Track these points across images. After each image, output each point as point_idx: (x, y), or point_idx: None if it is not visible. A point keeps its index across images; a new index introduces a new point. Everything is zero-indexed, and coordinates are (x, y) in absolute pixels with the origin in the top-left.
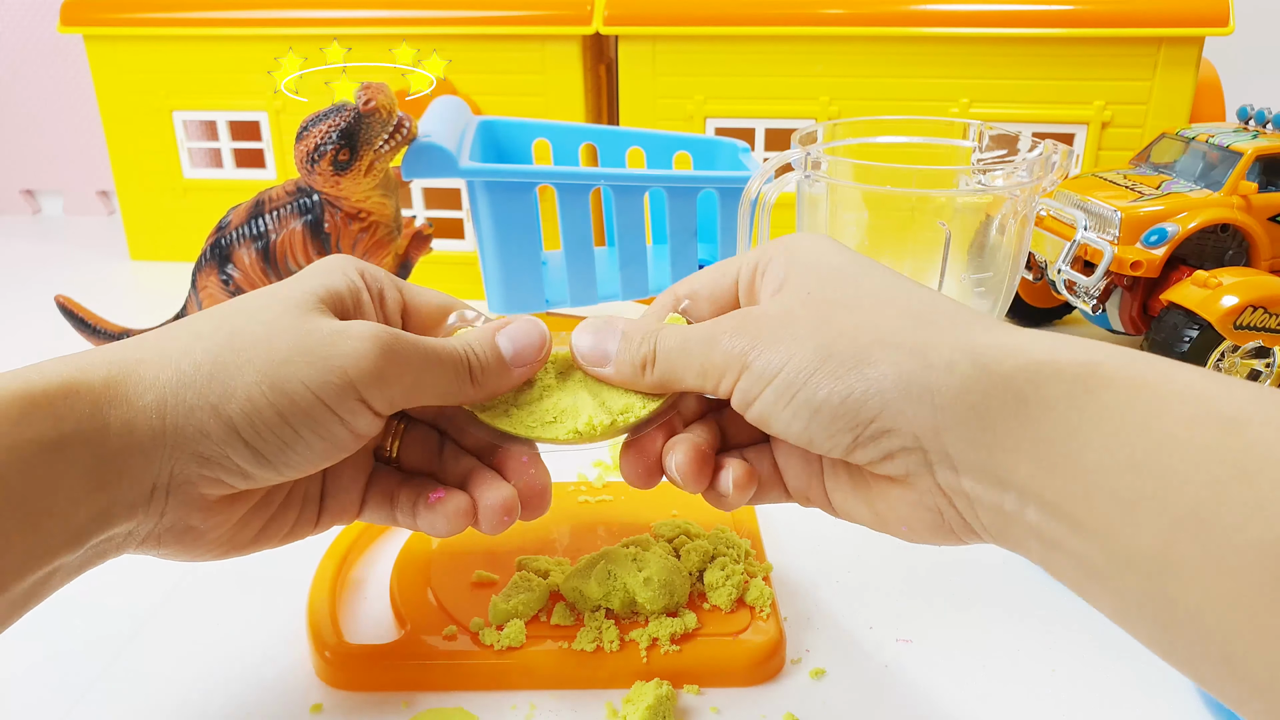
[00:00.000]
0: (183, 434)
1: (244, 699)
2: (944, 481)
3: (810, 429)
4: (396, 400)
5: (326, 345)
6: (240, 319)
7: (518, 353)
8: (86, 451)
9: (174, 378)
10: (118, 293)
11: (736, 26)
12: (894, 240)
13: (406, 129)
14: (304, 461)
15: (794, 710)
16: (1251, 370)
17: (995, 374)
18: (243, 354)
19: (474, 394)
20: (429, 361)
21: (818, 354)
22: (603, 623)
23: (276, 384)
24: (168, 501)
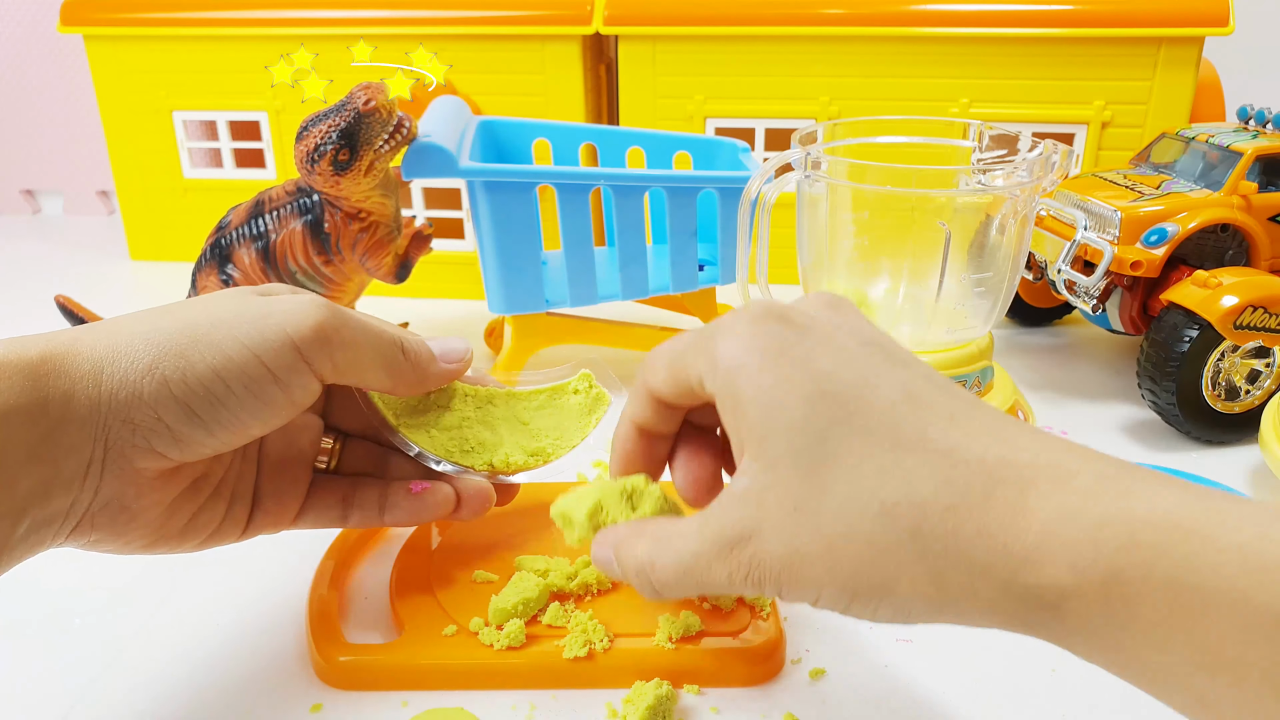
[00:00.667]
0: (117, 399)
1: (244, 699)
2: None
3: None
4: (336, 366)
5: (267, 308)
6: (180, 304)
7: (444, 352)
8: (25, 423)
9: (110, 348)
10: (118, 293)
11: (736, 26)
12: (894, 240)
13: (406, 129)
14: (236, 421)
15: (794, 710)
16: (1251, 370)
17: (1018, 593)
18: (183, 323)
19: (406, 376)
20: (367, 333)
21: (843, 594)
22: (588, 624)
23: (214, 343)
24: (103, 475)
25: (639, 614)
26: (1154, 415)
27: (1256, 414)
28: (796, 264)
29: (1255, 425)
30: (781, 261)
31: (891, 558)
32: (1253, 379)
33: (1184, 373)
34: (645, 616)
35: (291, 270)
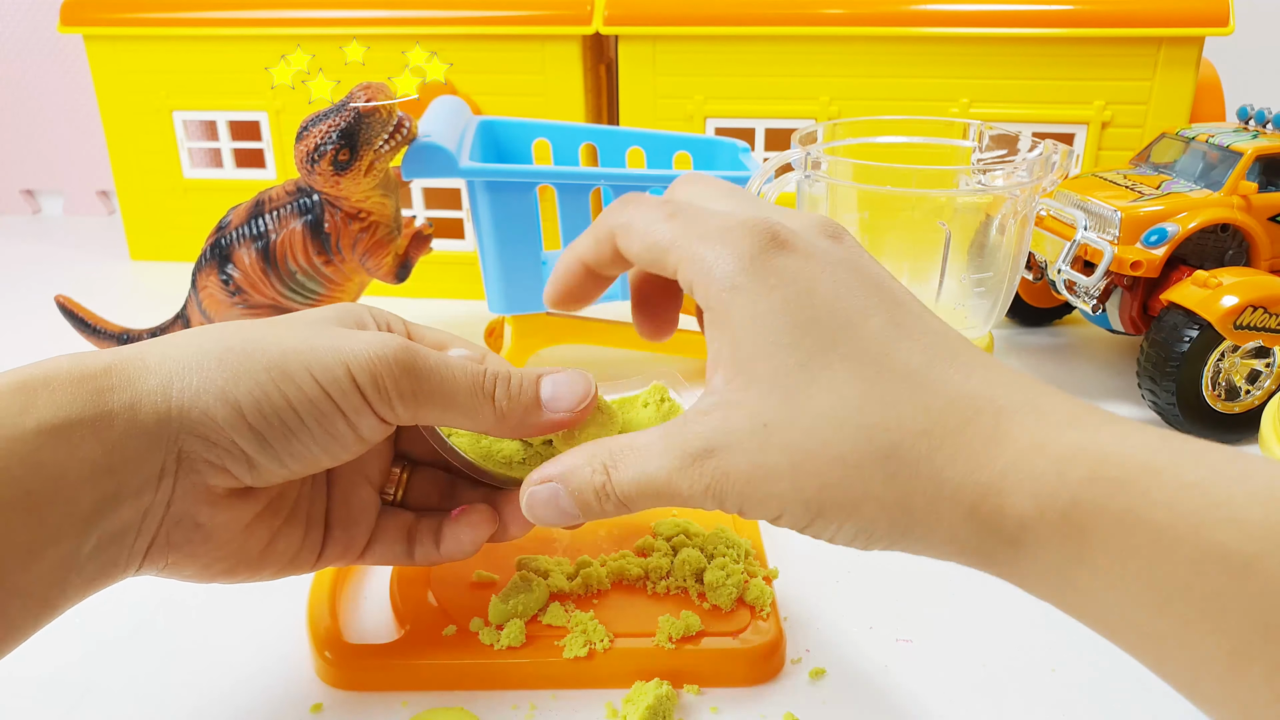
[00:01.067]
0: (188, 417)
1: (244, 699)
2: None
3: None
4: (401, 407)
5: (337, 340)
6: (250, 324)
7: (556, 397)
8: (90, 436)
9: (179, 363)
10: (118, 293)
11: (736, 26)
12: (894, 240)
13: (406, 129)
14: (308, 453)
15: (794, 710)
16: (1251, 370)
17: (981, 518)
18: (252, 344)
19: (494, 422)
20: (442, 381)
21: (807, 511)
22: (589, 624)
23: (285, 371)
24: (175, 488)
25: (639, 614)
26: (1154, 415)
27: (1256, 414)
28: None
29: (1255, 425)
30: None
31: (861, 476)
32: (1253, 379)
33: (1184, 373)
34: (645, 616)
35: (291, 270)
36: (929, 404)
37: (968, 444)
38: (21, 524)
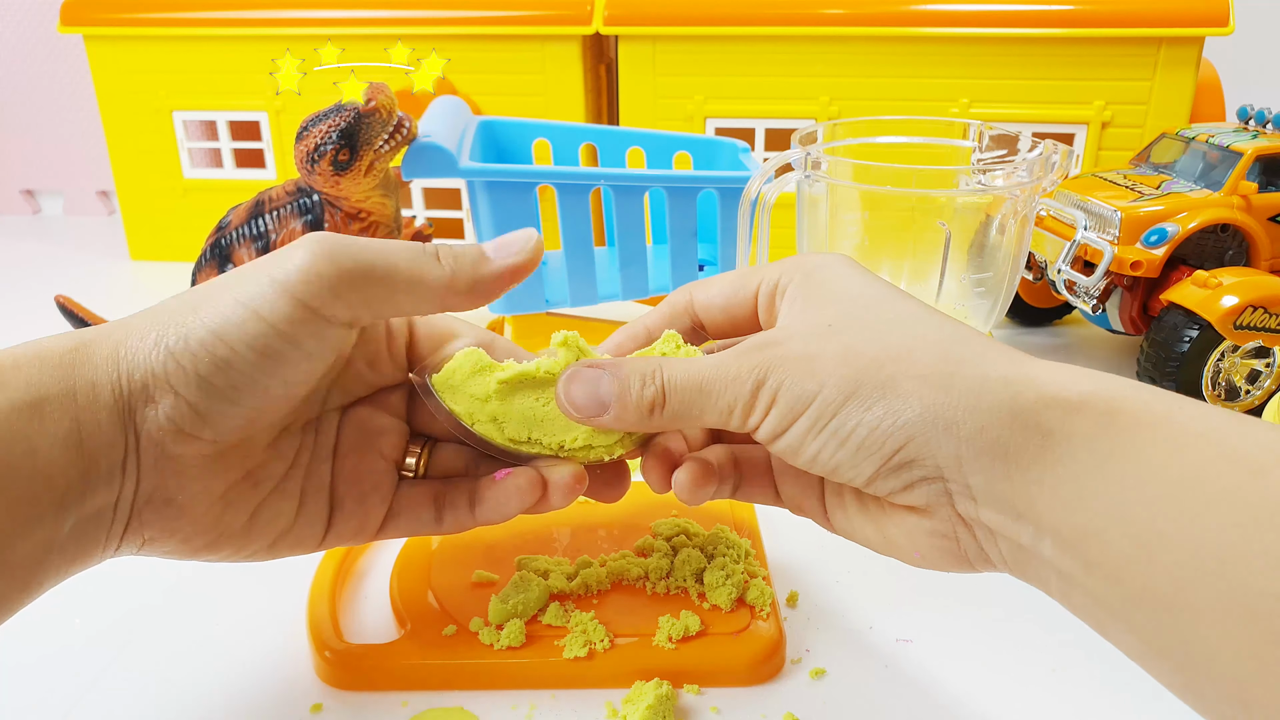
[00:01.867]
0: (134, 381)
1: (244, 699)
2: (964, 511)
3: (836, 458)
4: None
5: (262, 262)
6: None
7: (501, 245)
8: (59, 411)
9: (125, 330)
10: (118, 293)
11: (736, 26)
12: (894, 240)
13: (406, 129)
14: (251, 384)
15: (794, 710)
16: (1251, 370)
17: (1019, 406)
18: (187, 295)
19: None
20: (377, 251)
21: (846, 386)
22: (589, 624)
23: (211, 304)
24: (140, 464)
25: (639, 614)
26: None
27: (1257, 414)
28: None
29: None
30: None
31: (909, 357)
32: (1253, 379)
33: (1184, 373)
34: (645, 617)
35: None
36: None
37: (1019, 355)
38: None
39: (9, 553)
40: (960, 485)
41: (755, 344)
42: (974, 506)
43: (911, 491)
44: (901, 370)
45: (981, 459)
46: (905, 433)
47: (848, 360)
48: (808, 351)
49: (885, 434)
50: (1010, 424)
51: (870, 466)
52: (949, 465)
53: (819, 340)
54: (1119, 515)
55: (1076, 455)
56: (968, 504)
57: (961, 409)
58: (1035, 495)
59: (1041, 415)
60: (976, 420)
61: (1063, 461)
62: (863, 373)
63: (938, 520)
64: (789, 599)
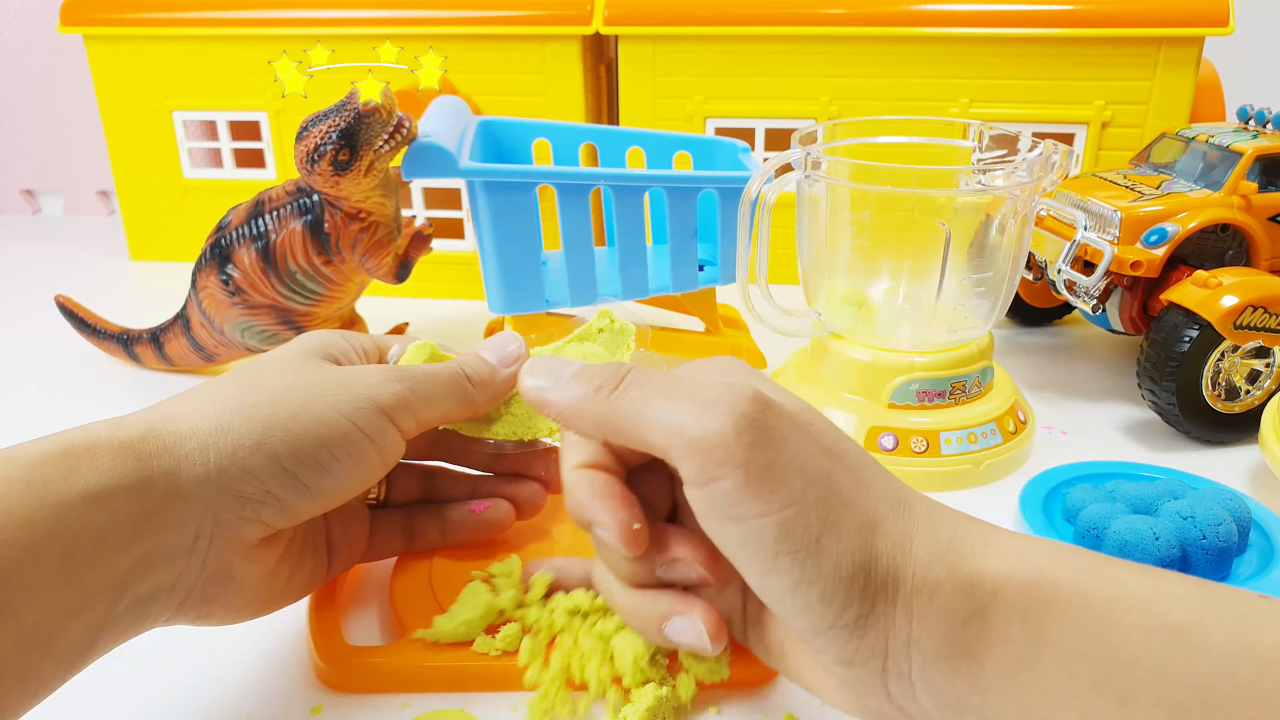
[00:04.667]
0: (226, 476)
1: (244, 700)
2: (896, 695)
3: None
4: (418, 420)
5: (349, 380)
6: (256, 375)
7: (501, 357)
8: (131, 501)
9: (212, 425)
10: (118, 293)
11: (736, 26)
12: (894, 240)
13: (406, 129)
14: (338, 487)
15: (794, 710)
16: (1251, 370)
17: (961, 581)
18: (274, 396)
19: (478, 401)
20: (434, 381)
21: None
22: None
23: (315, 414)
24: (210, 547)
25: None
26: (1154, 415)
27: (1256, 414)
28: (796, 264)
29: (1255, 425)
30: (781, 261)
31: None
32: (1253, 379)
33: (1184, 373)
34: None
35: (291, 270)
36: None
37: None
38: (62, 588)
39: (60, 637)
40: (900, 671)
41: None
42: (910, 692)
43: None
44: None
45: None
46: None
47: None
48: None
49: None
50: (951, 602)
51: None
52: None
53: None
54: (1059, 703)
55: (1012, 636)
56: (903, 689)
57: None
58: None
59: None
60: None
61: (1001, 642)
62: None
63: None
64: None
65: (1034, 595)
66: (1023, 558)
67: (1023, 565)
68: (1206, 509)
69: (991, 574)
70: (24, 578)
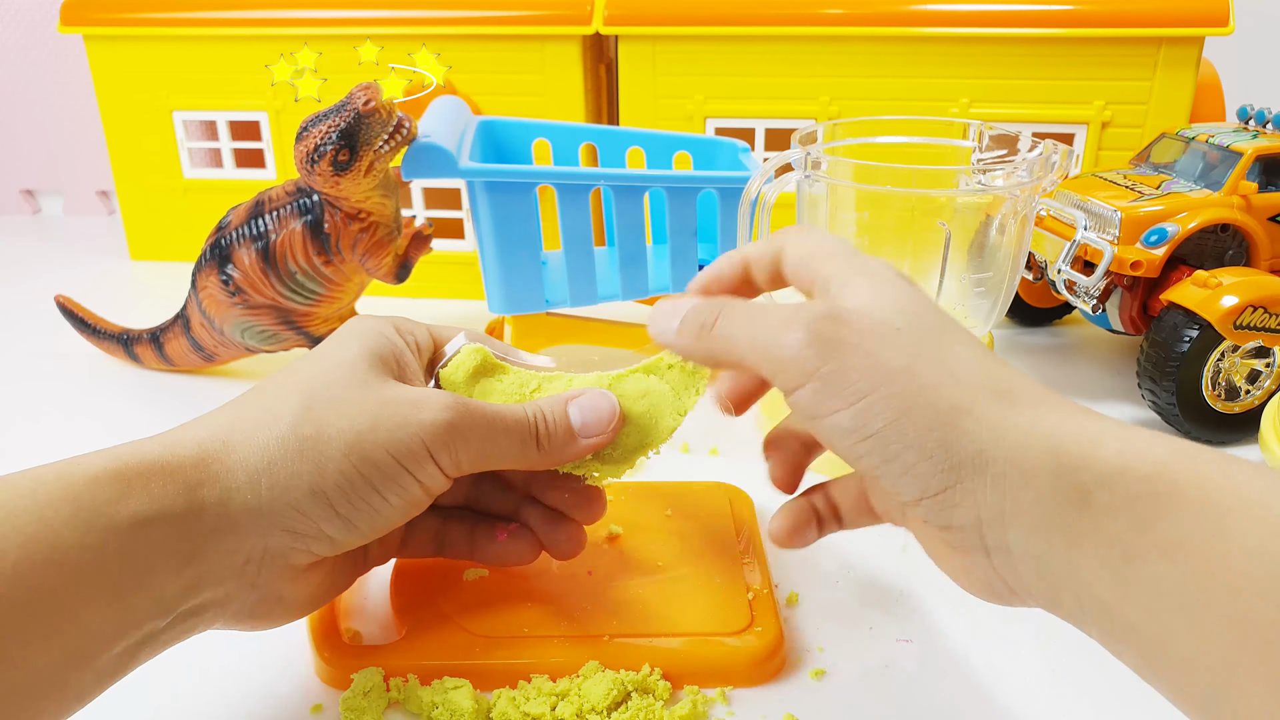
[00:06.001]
0: (276, 510)
1: (244, 699)
2: (999, 565)
3: (881, 471)
4: (465, 464)
5: (404, 414)
6: (310, 390)
7: (586, 424)
8: (180, 528)
9: (263, 458)
10: (118, 293)
11: (736, 26)
12: (894, 240)
13: (406, 129)
14: (385, 524)
15: (794, 710)
16: (1251, 370)
17: (1065, 467)
18: (325, 428)
19: (539, 461)
20: (496, 430)
21: (897, 405)
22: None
23: (365, 455)
24: (260, 573)
25: (635, 612)
26: (1154, 415)
27: (1256, 414)
28: None
29: (1255, 425)
30: None
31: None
32: (1253, 379)
33: (1184, 373)
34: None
35: (291, 270)
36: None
37: (1068, 405)
38: (109, 612)
39: (102, 655)
40: (998, 543)
41: (821, 311)
42: (1011, 563)
43: (949, 532)
44: (957, 405)
45: (1023, 517)
46: (954, 474)
47: (912, 375)
48: (877, 347)
49: (935, 468)
50: (1053, 483)
51: (913, 491)
52: (990, 519)
53: (888, 339)
54: (1162, 588)
55: (1120, 527)
56: (1003, 561)
57: (1010, 461)
58: (1075, 559)
59: (1083, 477)
60: (1021, 475)
61: (1103, 528)
62: (923, 392)
63: (974, 565)
64: (789, 599)
65: (1147, 488)
66: (1141, 451)
67: (1139, 458)
68: None
69: (1101, 462)
70: (70, 601)
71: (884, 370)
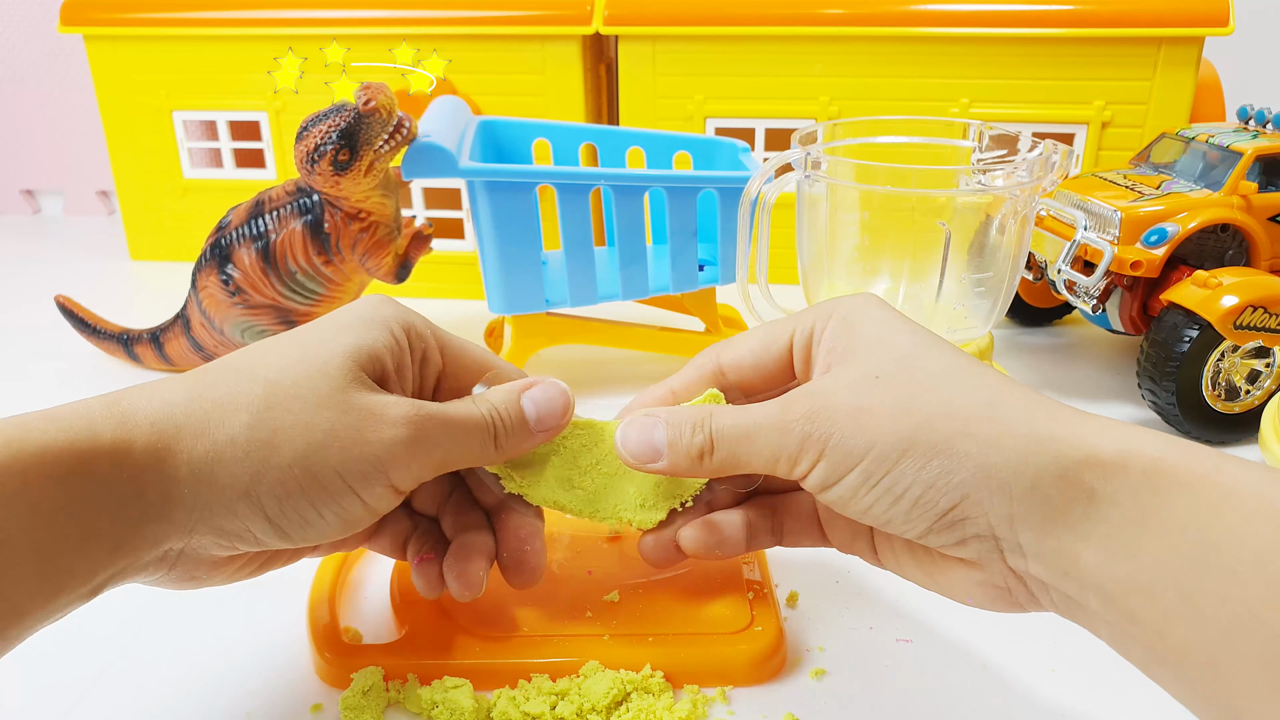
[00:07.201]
0: (210, 509)
1: (244, 699)
2: (1015, 565)
3: (890, 514)
4: (422, 478)
5: (362, 430)
6: (276, 382)
7: (540, 417)
8: (118, 518)
9: (209, 452)
10: (118, 293)
11: (736, 26)
12: (894, 240)
13: (406, 129)
14: (318, 537)
15: (794, 710)
16: (1251, 370)
17: (1065, 466)
18: (278, 433)
19: (496, 458)
20: (457, 435)
21: (900, 443)
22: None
23: (310, 469)
24: (178, 561)
25: (636, 614)
26: (1154, 415)
27: (1256, 414)
28: (796, 264)
29: (1255, 425)
30: (781, 261)
31: (962, 415)
32: (1253, 379)
33: (1184, 373)
34: (642, 619)
35: (291, 270)
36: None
37: (1062, 409)
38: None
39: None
40: (1011, 542)
41: (802, 394)
42: (1024, 561)
43: (964, 546)
44: (955, 429)
45: (1032, 518)
46: (959, 492)
47: (900, 417)
48: (858, 404)
49: (940, 492)
50: (1058, 484)
51: (924, 523)
52: (1001, 523)
53: (868, 392)
54: (1161, 574)
55: (1122, 515)
56: (1018, 559)
57: (1013, 470)
58: (1081, 552)
59: (1086, 475)
60: (1026, 480)
61: (1107, 520)
62: (917, 430)
63: (989, 573)
64: (789, 599)
65: (1147, 477)
66: (1139, 446)
67: (1138, 453)
68: None
69: (1103, 458)
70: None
71: (875, 423)
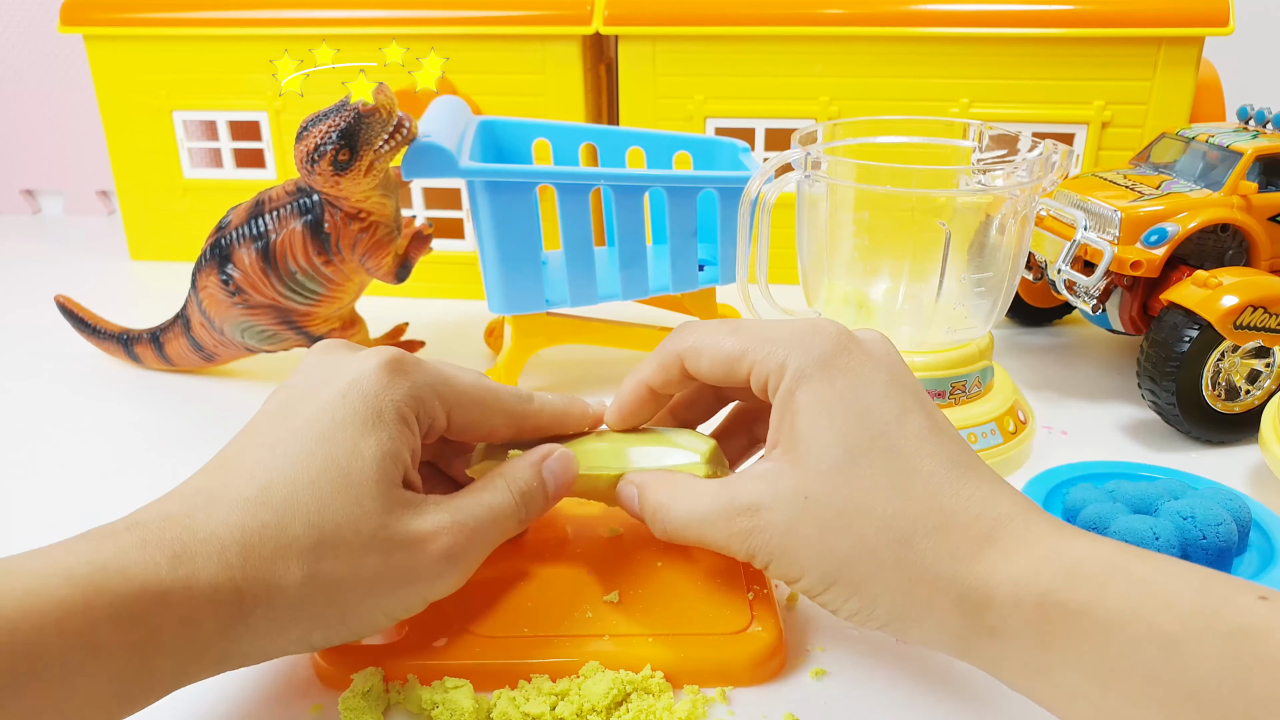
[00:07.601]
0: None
1: (244, 699)
2: None
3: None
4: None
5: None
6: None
7: (557, 488)
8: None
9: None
10: (118, 293)
11: (736, 26)
12: (894, 240)
13: (406, 129)
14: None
15: (794, 710)
16: (1251, 370)
17: (968, 611)
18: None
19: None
20: (494, 532)
21: (824, 578)
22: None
23: (360, 614)
24: None
25: (634, 613)
26: (1154, 415)
27: (1256, 414)
28: (796, 264)
29: (1255, 425)
30: (781, 261)
31: (875, 559)
32: (1253, 379)
33: (1184, 373)
34: (638, 618)
35: (291, 270)
36: (944, 505)
37: (968, 543)
38: None
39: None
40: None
41: (740, 507)
42: None
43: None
44: (869, 572)
45: (949, 649)
46: (881, 621)
47: (824, 555)
48: (790, 529)
49: (866, 619)
50: (963, 624)
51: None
52: (928, 643)
53: (798, 517)
54: (1067, 691)
55: (1022, 644)
56: None
57: (920, 610)
58: (1000, 674)
59: (986, 616)
60: (934, 621)
61: (1012, 651)
62: (839, 570)
63: None
64: (789, 599)
65: (1041, 610)
66: (1029, 582)
67: (1028, 589)
68: (1206, 509)
69: (999, 597)
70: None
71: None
